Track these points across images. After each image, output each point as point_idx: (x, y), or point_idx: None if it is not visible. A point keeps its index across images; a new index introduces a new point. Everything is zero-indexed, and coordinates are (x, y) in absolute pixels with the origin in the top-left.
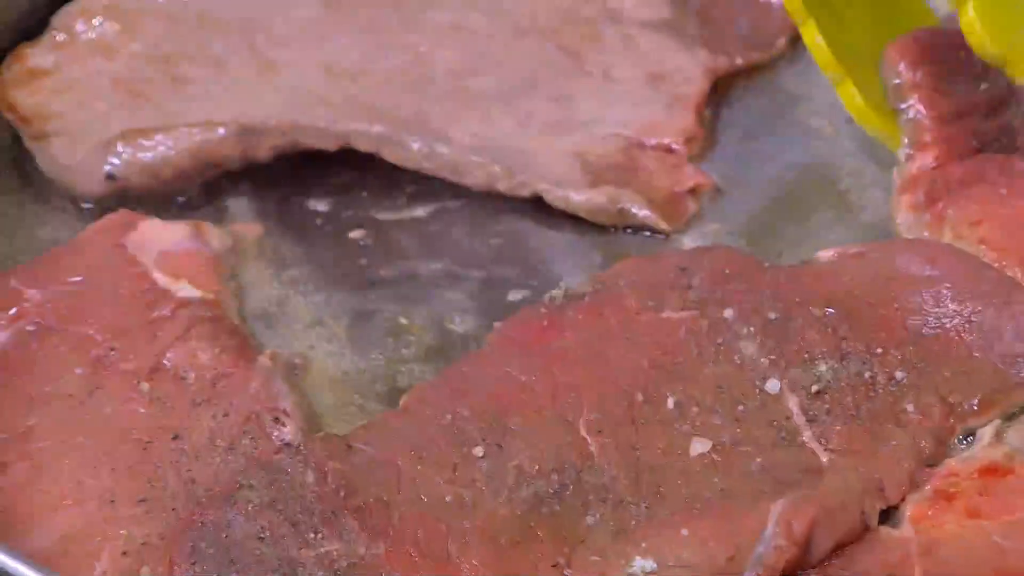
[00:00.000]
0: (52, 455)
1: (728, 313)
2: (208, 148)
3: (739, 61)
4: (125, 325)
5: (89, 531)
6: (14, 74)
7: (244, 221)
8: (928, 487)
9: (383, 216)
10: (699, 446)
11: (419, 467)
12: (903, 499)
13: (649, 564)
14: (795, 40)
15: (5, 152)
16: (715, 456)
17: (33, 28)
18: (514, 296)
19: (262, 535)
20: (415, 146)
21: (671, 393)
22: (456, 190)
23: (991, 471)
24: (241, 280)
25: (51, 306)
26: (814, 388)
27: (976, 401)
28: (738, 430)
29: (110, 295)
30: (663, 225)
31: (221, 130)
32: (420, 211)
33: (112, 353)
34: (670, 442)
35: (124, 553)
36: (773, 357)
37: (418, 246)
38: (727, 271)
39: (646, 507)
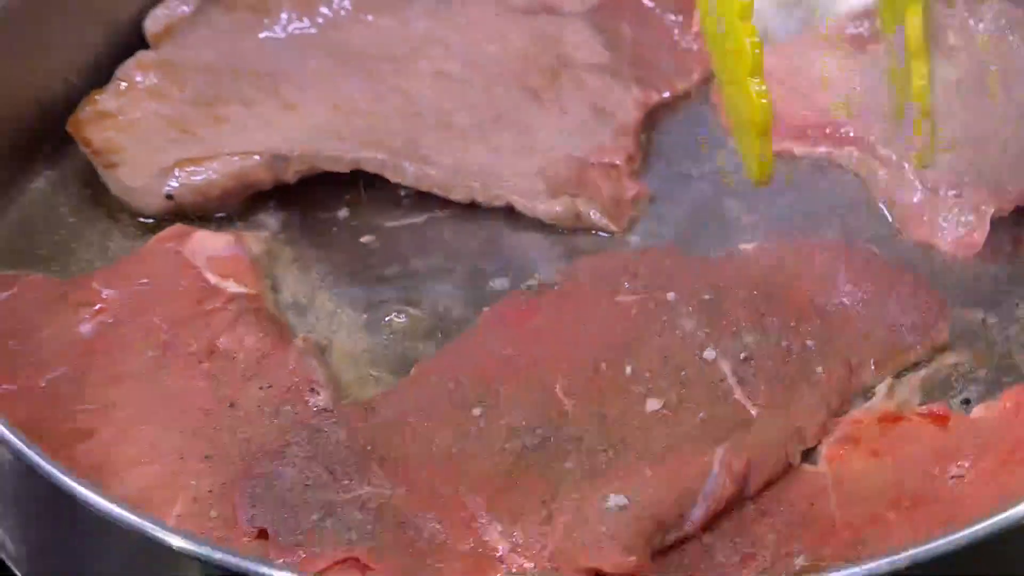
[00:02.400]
0: (131, 422)
1: (670, 296)
2: (246, 172)
3: (665, 95)
4: (185, 316)
5: (165, 482)
6: (87, 115)
7: (273, 231)
8: (838, 432)
9: (388, 224)
10: (653, 404)
11: (428, 425)
12: (819, 443)
13: (621, 499)
14: (706, 78)
15: (80, 180)
16: (666, 412)
17: (102, 79)
18: (495, 285)
19: (307, 483)
20: (410, 169)
21: (627, 362)
22: (444, 202)
23: (887, 419)
24: (275, 279)
25: (125, 302)
26: (742, 355)
27: (872, 363)
28: (683, 390)
29: (171, 292)
30: (612, 227)
31: (256, 158)
32: (416, 219)
33: (176, 339)
34: (629, 402)
35: (195, 500)
36: (708, 331)
37: (416, 247)
38: (667, 263)
39: (613, 454)
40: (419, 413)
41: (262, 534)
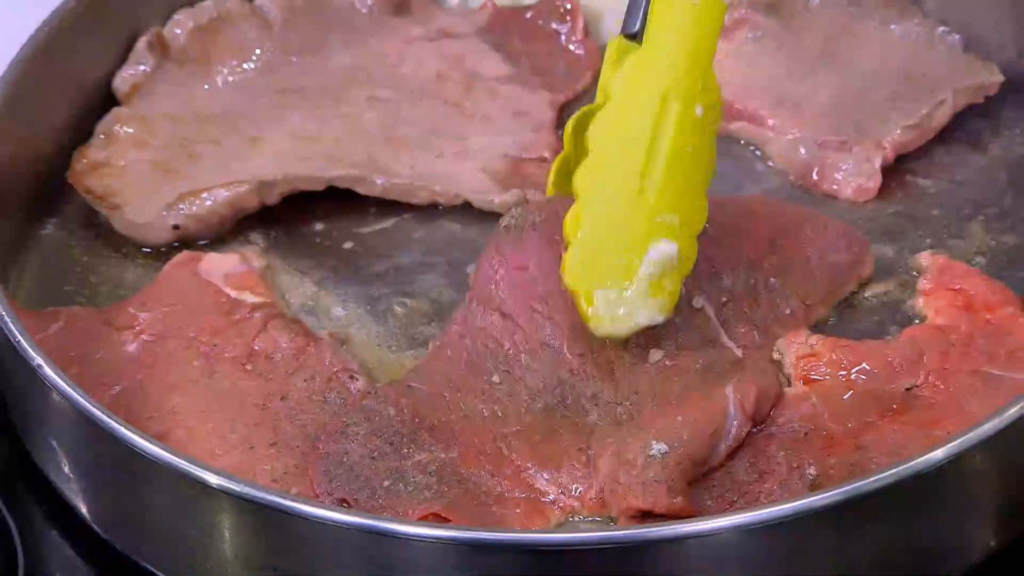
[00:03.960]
0: (197, 421)
1: None
2: (238, 198)
3: (569, 95)
4: (217, 327)
5: (243, 469)
6: (83, 167)
7: (263, 248)
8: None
9: (363, 230)
10: (655, 355)
11: (459, 394)
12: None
13: (663, 447)
14: (597, 76)
15: (82, 223)
16: (667, 361)
17: (82, 134)
18: (472, 269)
19: (372, 455)
20: (379, 181)
21: None
22: (406, 206)
23: (839, 345)
24: (280, 288)
25: (162, 322)
26: (723, 299)
27: (820, 299)
28: (679, 338)
29: (200, 308)
30: None
31: (246, 186)
32: (387, 223)
33: (216, 348)
34: (632, 355)
35: (274, 481)
36: (690, 279)
37: (395, 247)
38: None
39: (629, 404)
40: (448, 385)
41: (342, 503)
